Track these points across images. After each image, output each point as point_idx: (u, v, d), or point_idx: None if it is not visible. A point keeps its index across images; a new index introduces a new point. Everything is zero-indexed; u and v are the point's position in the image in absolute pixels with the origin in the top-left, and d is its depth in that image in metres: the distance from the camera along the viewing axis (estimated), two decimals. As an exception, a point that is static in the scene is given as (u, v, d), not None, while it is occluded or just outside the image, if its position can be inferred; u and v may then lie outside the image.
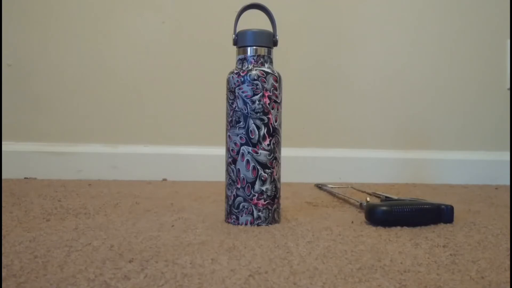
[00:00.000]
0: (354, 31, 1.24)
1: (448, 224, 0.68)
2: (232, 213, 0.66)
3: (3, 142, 1.17)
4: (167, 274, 0.44)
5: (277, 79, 0.65)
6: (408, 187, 1.12)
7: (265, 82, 0.64)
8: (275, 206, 0.66)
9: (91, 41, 1.20)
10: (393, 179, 1.21)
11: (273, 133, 0.65)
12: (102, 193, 0.93)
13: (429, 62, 1.25)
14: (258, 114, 0.64)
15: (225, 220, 0.67)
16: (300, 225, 0.66)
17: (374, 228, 0.65)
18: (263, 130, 0.64)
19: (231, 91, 0.65)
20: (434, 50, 1.24)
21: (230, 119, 0.65)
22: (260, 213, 0.65)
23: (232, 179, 0.65)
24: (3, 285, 0.41)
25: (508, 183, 1.21)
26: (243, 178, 0.64)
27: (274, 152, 0.65)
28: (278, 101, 0.66)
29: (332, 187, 1.02)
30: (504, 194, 1.03)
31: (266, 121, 0.64)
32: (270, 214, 0.65)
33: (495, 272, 0.47)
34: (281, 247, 0.54)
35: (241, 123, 0.64)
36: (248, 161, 0.64)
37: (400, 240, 0.59)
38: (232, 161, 0.65)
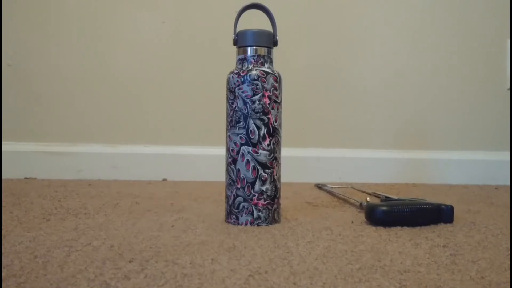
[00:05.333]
0: (354, 31, 1.24)
1: (448, 224, 0.68)
2: (232, 213, 0.66)
3: (3, 142, 1.17)
4: (167, 274, 0.44)
5: (277, 79, 0.65)
6: (408, 187, 1.12)
7: (265, 82, 0.64)
8: (275, 206, 0.66)
9: (91, 41, 1.20)
10: (393, 179, 1.20)
11: (273, 133, 0.65)
12: (102, 193, 0.93)
13: (429, 62, 1.24)
14: (258, 114, 0.64)
15: (225, 220, 0.67)
16: (300, 225, 0.66)
17: (374, 228, 0.65)
18: (263, 130, 0.64)
19: (231, 91, 0.65)
20: (434, 50, 1.24)
21: (230, 119, 0.65)
22: (260, 213, 0.65)
23: (232, 179, 0.65)
24: (3, 285, 0.41)
25: (508, 183, 1.21)
26: (243, 178, 0.64)
27: (274, 152, 0.65)
28: (278, 101, 0.66)
29: (332, 187, 1.02)
30: (504, 194, 1.03)
31: (266, 121, 0.64)
32: (270, 214, 0.65)
33: (495, 272, 0.47)
34: (281, 247, 0.54)
35: (241, 123, 0.64)
36: (248, 161, 0.64)
37: (400, 240, 0.59)
38: (232, 161, 0.65)
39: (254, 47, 0.65)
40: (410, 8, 1.24)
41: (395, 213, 0.66)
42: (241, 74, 0.64)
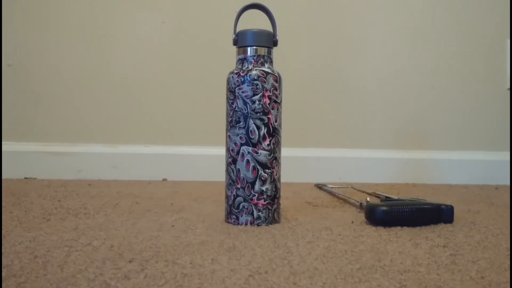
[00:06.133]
0: (354, 31, 1.24)
1: (448, 224, 0.68)
2: (232, 213, 0.66)
3: (3, 142, 1.17)
4: (167, 274, 0.44)
5: (277, 79, 0.65)
6: (408, 187, 1.12)
7: (265, 82, 0.64)
8: (275, 206, 0.66)
9: (91, 41, 1.20)
10: (393, 179, 1.21)
11: (273, 133, 0.65)
12: (102, 193, 0.93)
13: (429, 62, 1.25)
14: (258, 114, 0.64)
15: (225, 220, 0.67)
16: (300, 225, 0.66)
17: (374, 228, 0.65)
18: (263, 130, 0.64)
19: (231, 91, 0.65)
20: (434, 50, 1.24)
21: (230, 119, 0.65)
22: (260, 213, 0.65)
23: (232, 179, 0.65)
24: (3, 285, 0.41)
25: (508, 183, 1.21)
26: (243, 178, 0.64)
27: (274, 152, 0.65)
28: (278, 101, 0.66)
29: (332, 187, 1.02)
30: (504, 194, 1.03)
31: (266, 121, 0.64)
32: (270, 214, 0.65)
33: (495, 272, 0.47)
34: (281, 247, 0.54)
35: (241, 123, 0.64)
36: (248, 161, 0.64)
37: (400, 240, 0.59)
38: (232, 161, 0.65)
39: (254, 47, 0.65)
40: (410, 8, 1.24)
41: (395, 213, 0.66)
42: (241, 74, 0.64)
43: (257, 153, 0.64)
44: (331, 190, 1.00)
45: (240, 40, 0.66)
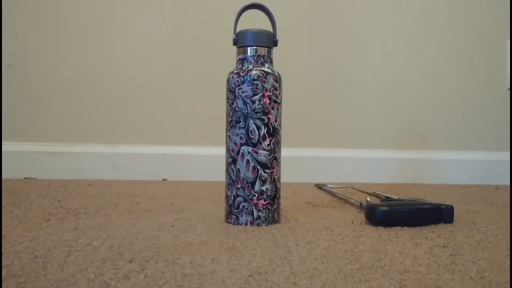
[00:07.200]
0: (354, 31, 1.24)
1: (448, 224, 0.68)
2: (232, 213, 0.66)
3: (3, 142, 1.17)
4: (167, 274, 0.44)
5: (277, 79, 0.65)
6: (408, 187, 1.12)
7: (265, 82, 0.64)
8: (275, 206, 0.66)
9: (91, 41, 1.20)
10: (393, 179, 1.20)
11: (273, 133, 0.65)
12: (102, 193, 0.93)
13: (429, 62, 1.24)
14: (258, 114, 0.64)
15: (225, 220, 0.67)
16: (300, 225, 0.66)
17: (374, 228, 0.65)
18: (263, 130, 0.64)
19: (231, 91, 0.65)
20: (434, 50, 1.24)
21: (230, 119, 0.65)
22: (260, 213, 0.65)
23: (232, 179, 0.65)
24: (3, 285, 0.41)
25: (508, 183, 1.21)
26: (243, 178, 0.64)
27: (274, 152, 0.65)
28: (278, 101, 0.66)
29: (332, 187, 1.02)
30: (504, 194, 1.03)
31: (266, 121, 0.64)
32: (270, 214, 0.65)
33: (495, 272, 0.47)
34: (281, 247, 0.54)
35: (241, 123, 0.64)
36: (248, 161, 0.64)
37: (400, 240, 0.59)
38: (232, 161, 0.65)
39: (254, 47, 0.65)
40: (410, 8, 1.24)
41: (395, 213, 0.66)
42: (241, 74, 0.64)
43: (257, 153, 0.64)
44: (331, 190, 1.00)
45: (240, 40, 0.66)
